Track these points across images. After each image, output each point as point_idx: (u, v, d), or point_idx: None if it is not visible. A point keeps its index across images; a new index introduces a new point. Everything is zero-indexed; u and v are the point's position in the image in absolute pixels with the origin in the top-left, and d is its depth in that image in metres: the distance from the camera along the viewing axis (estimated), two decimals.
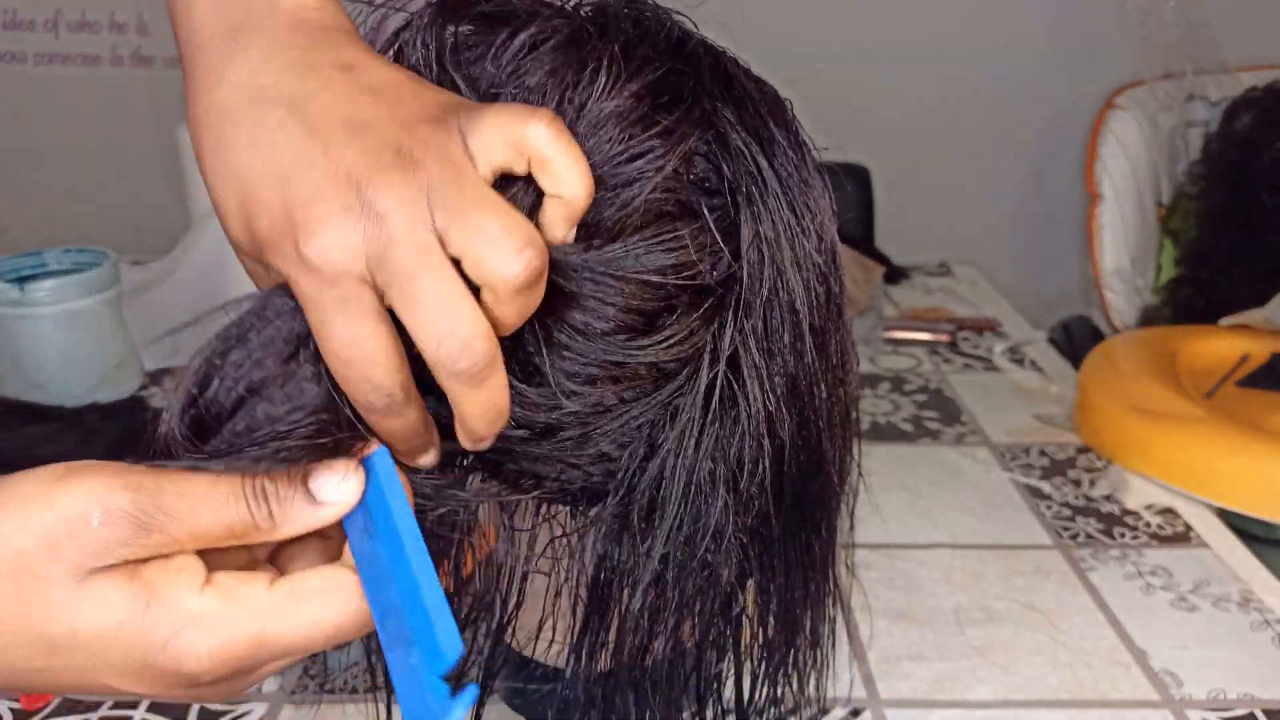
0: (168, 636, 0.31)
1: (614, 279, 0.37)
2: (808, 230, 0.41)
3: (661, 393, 0.39)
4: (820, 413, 0.43)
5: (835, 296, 0.43)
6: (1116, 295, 1.50)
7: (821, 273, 0.42)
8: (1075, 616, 0.70)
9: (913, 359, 1.13)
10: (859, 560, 0.76)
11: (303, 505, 0.33)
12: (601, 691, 0.41)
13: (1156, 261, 1.54)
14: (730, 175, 0.39)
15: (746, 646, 0.54)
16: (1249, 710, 0.61)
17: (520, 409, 0.37)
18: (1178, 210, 1.50)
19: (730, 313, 0.39)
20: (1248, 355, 1.04)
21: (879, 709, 0.61)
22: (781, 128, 0.41)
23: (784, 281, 0.40)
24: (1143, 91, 1.54)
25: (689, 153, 0.38)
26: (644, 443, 0.39)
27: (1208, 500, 0.83)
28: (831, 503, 0.48)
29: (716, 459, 0.40)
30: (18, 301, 0.94)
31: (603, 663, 0.42)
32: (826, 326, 0.42)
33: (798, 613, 0.50)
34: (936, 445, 0.94)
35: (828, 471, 0.46)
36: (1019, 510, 0.83)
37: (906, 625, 0.69)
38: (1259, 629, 0.69)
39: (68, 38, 1.71)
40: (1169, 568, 0.75)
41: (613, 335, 0.37)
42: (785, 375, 0.41)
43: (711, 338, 0.39)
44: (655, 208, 0.38)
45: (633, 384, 0.38)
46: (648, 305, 0.38)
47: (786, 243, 0.40)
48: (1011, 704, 0.62)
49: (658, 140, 0.37)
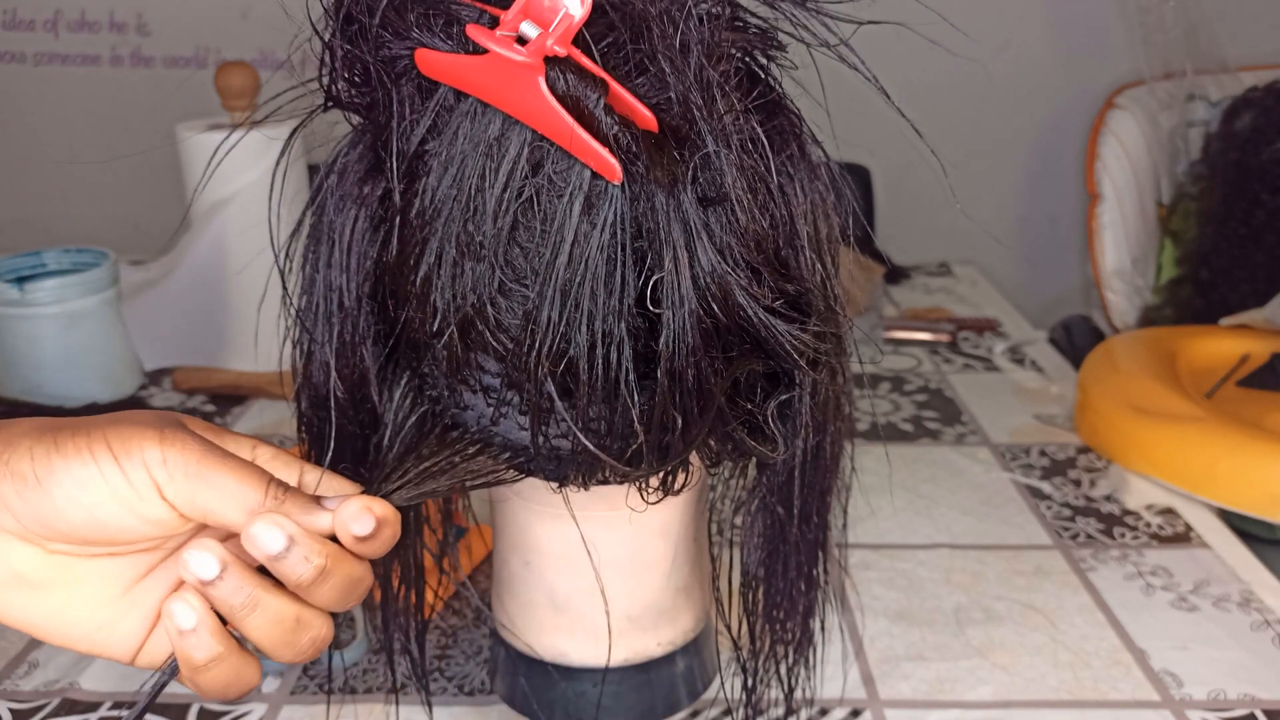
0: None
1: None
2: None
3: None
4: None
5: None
6: (1117, 295, 1.50)
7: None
8: (1075, 617, 0.70)
9: (913, 359, 1.13)
10: (859, 560, 0.76)
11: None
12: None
13: (1157, 261, 1.54)
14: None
15: (746, 646, 0.54)
16: (1249, 710, 0.61)
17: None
18: (1178, 210, 1.50)
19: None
20: (1248, 355, 1.04)
21: (879, 709, 0.61)
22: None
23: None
24: (1143, 91, 1.54)
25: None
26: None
27: (1208, 500, 0.82)
28: (827, 483, 0.49)
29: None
30: (18, 301, 0.94)
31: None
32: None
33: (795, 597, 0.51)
34: (936, 445, 0.94)
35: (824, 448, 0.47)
36: (1019, 510, 0.83)
37: (906, 625, 0.69)
38: (1259, 629, 0.69)
39: (68, 38, 1.71)
40: (1169, 568, 0.75)
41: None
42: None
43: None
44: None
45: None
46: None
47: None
48: (1011, 704, 0.62)
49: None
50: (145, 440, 0.35)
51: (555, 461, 0.42)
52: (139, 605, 0.38)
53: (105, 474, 0.35)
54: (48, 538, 0.36)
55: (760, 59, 0.42)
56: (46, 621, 0.37)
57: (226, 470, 0.36)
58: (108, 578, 0.37)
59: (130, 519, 0.35)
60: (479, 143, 0.36)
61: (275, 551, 0.35)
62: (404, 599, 0.53)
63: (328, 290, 0.43)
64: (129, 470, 0.35)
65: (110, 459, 0.35)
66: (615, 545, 0.51)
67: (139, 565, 0.38)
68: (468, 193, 0.37)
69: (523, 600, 0.53)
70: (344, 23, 0.38)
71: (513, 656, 0.55)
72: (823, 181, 0.43)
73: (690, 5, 0.37)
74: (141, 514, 0.35)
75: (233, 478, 0.36)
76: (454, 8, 0.37)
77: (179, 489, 0.35)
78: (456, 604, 0.71)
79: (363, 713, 0.61)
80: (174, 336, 1.05)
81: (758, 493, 0.49)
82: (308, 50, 0.40)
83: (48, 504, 0.35)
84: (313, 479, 0.40)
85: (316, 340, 0.44)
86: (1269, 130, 1.36)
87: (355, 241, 0.42)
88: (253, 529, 0.35)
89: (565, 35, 0.34)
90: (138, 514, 0.35)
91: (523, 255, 0.37)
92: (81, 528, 0.35)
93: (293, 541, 0.35)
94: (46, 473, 0.35)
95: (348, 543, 0.37)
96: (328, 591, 0.37)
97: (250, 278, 0.99)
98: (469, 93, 0.36)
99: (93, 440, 0.35)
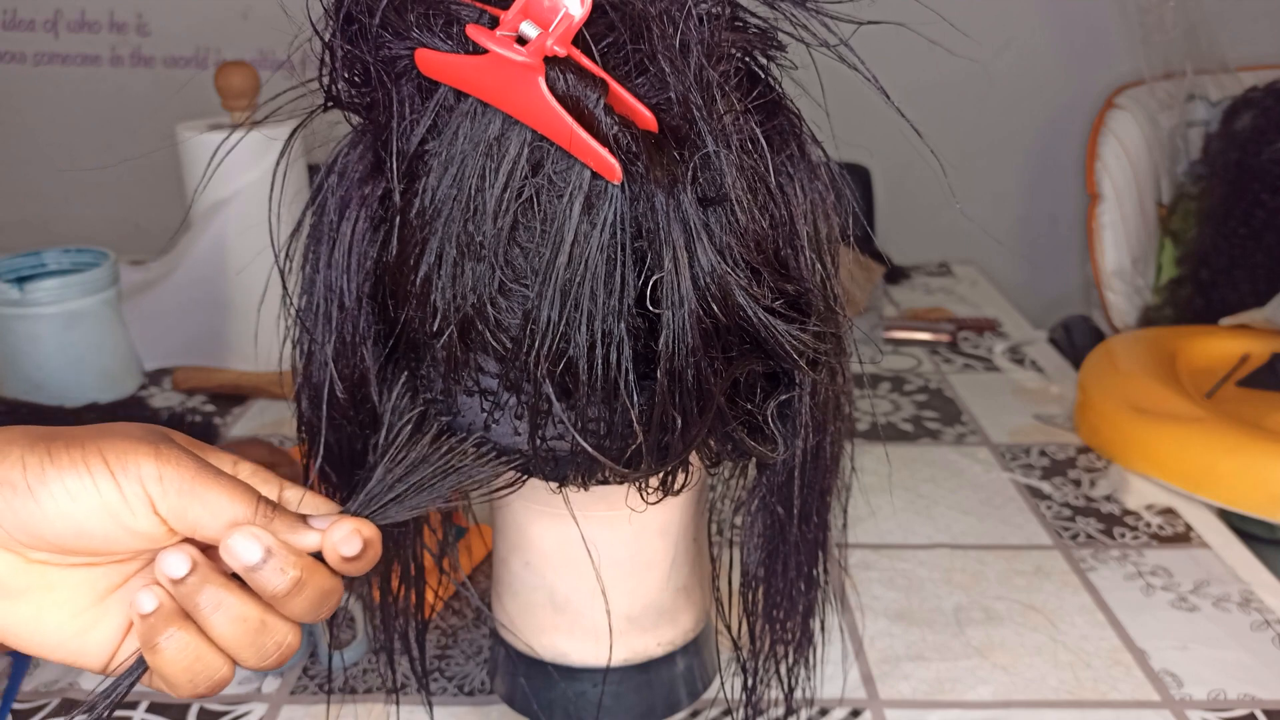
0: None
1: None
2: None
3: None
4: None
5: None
6: (1117, 295, 1.50)
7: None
8: (1075, 617, 0.70)
9: (913, 359, 1.13)
10: (859, 560, 0.76)
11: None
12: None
13: (1157, 261, 1.54)
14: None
15: (746, 646, 0.54)
16: (1249, 710, 0.61)
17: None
18: (1178, 210, 1.50)
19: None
20: (1248, 355, 1.04)
21: (879, 709, 0.61)
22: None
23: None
24: (1143, 91, 1.54)
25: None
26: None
27: (1208, 500, 0.82)
28: (827, 484, 0.49)
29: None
30: (18, 301, 0.94)
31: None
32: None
33: (795, 597, 0.51)
34: (936, 445, 0.94)
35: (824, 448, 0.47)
36: (1019, 510, 0.83)
37: (906, 625, 0.69)
38: (1259, 629, 0.68)
39: (68, 38, 1.71)
40: (1169, 568, 0.75)
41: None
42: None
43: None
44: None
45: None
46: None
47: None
48: (1011, 704, 0.62)
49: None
50: (141, 455, 0.35)
51: (553, 463, 0.42)
52: (112, 614, 0.38)
53: (99, 487, 0.35)
54: (31, 546, 0.36)
55: (760, 59, 0.42)
56: (20, 627, 0.37)
57: (219, 488, 0.36)
58: (83, 586, 0.37)
59: (117, 531, 0.35)
60: (479, 143, 0.36)
61: (252, 563, 0.36)
62: (404, 599, 0.53)
63: (328, 290, 0.43)
64: (124, 484, 0.35)
65: (105, 472, 0.35)
66: (615, 545, 0.51)
67: (115, 575, 0.38)
68: (468, 193, 0.37)
69: (523, 600, 0.53)
70: (344, 23, 0.38)
71: (513, 656, 0.55)
72: (822, 181, 0.43)
73: (690, 5, 0.37)
74: (130, 527, 0.36)
75: (224, 495, 0.36)
76: (454, 8, 0.37)
77: (172, 504, 0.36)
78: (456, 604, 0.71)
79: (363, 713, 0.61)
80: (174, 336, 1.05)
81: (758, 493, 0.49)
82: (308, 50, 0.40)
83: (36, 513, 0.35)
84: (292, 496, 0.41)
85: (316, 340, 0.44)
86: (1269, 130, 1.36)
87: (355, 241, 0.42)
88: (230, 540, 0.36)
89: (565, 35, 0.34)
90: (126, 526, 0.35)
91: (523, 255, 0.37)
92: (67, 537, 0.35)
93: (269, 554, 0.36)
94: (39, 482, 0.35)
95: (334, 562, 0.38)
96: (301, 603, 0.37)
97: (250, 278, 0.98)
98: (469, 93, 0.36)
99: (87, 453, 0.35)
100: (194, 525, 0.36)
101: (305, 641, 0.65)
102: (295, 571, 0.37)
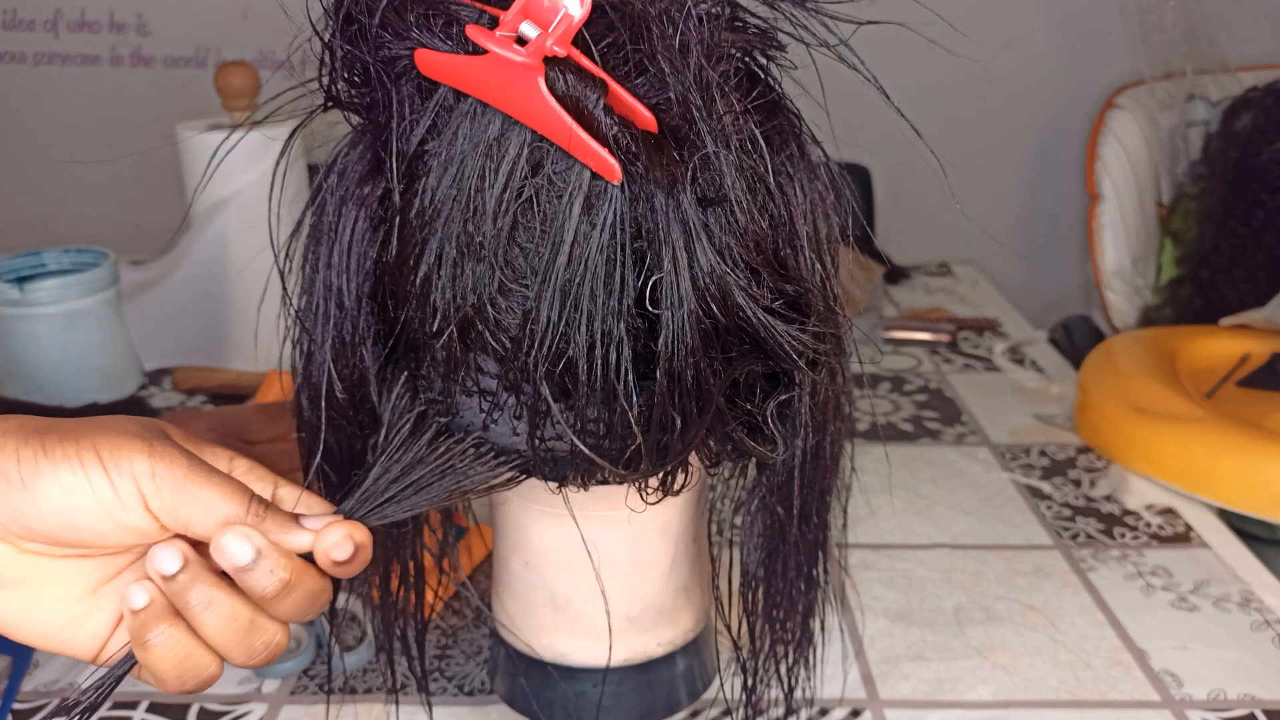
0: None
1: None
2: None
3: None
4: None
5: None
6: (1117, 295, 1.50)
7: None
8: (1075, 617, 0.70)
9: (913, 359, 1.13)
10: (859, 560, 0.76)
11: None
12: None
13: (1157, 261, 1.54)
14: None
15: (746, 646, 0.54)
16: (1249, 710, 0.61)
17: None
18: (1178, 210, 1.50)
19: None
20: (1248, 355, 1.04)
21: (879, 709, 0.61)
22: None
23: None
24: (1143, 91, 1.54)
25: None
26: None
27: (1208, 500, 0.82)
28: (827, 484, 0.49)
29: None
30: (17, 301, 0.94)
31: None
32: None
33: (795, 597, 0.51)
34: (936, 445, 0.94)
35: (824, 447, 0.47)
36: (1019, 510, 0.83)
37: (906, 625, 0.69)
38: (1259, 629, 0.69)
39: (68, 38, 1.71)
40: (1169, 568, 0.75)
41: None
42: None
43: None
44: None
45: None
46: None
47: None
48: (1011, 704, 0.62)
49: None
50: (135, 452, 0.36)
51: (552, 463, 0.42)
52: (105, 605, 0.38)
53: (93, 482, 0.35)
54: (24, 538, 0.36)
55: (760, 59, 0.42)
56: (13, 617, 0.37)
57: (211, 486, 0.37)
58: (77, 577, 0.38)
59: (110, 526, 0.36)
60: (479, 143, 0.36)
61: (243, 563, 0.36)
62: (404, 599, 0.53)
63: (327, 290, 0.43)
64: (117, 481, 0.35)
65: (99, 468, 0.35)
66: (615, 545, 0.51)
67: (108, 567, 0.38)
68: (467, 193, 0.37)
69: (523, 600, 0.53)
70: (344, 23, 0.38)
71: (513, 656, 0.55)
72: (822, 181, 0.43)
73: (690, 5, 0.37)
74: (122, 522, 0.36)
75: (217, 493, 0.36)
76: (454, 8, 0.37)
77: (164, 502, 0.36)
78: (456, 604, 0.71)
79: (363, 713, 0.61)
80: (174, 336, 1.05)
81: (758, 493, 0.49)
82: (308, 50, 0.40)
83: (30, 506, 0.35)
84: (287, 494, 0.41)
85: (316, 340, 0.44)
86: (1269, 130, 1.36)
87: (355, 241, 0.42)
88: (222, 540, 0.36)
89: (565, 36, 0.34)
90: (118, 522, 0.36)
91: (522, 255, 0.37)
92: (59, 530, 0.35)
93: (260, 555, 0.36)
94: (32, 476, 0.35)
95: (325, 565, 0.38)
96: (289, 605, 0.37)
97: (250, 278, 0.98)
98: (469, 93, 0.36)
99: (81, 447, 0.35)
100: (186, 523, 0.36)
101: (311, 644, 0.65)
102: (285, 574, 0.37)
